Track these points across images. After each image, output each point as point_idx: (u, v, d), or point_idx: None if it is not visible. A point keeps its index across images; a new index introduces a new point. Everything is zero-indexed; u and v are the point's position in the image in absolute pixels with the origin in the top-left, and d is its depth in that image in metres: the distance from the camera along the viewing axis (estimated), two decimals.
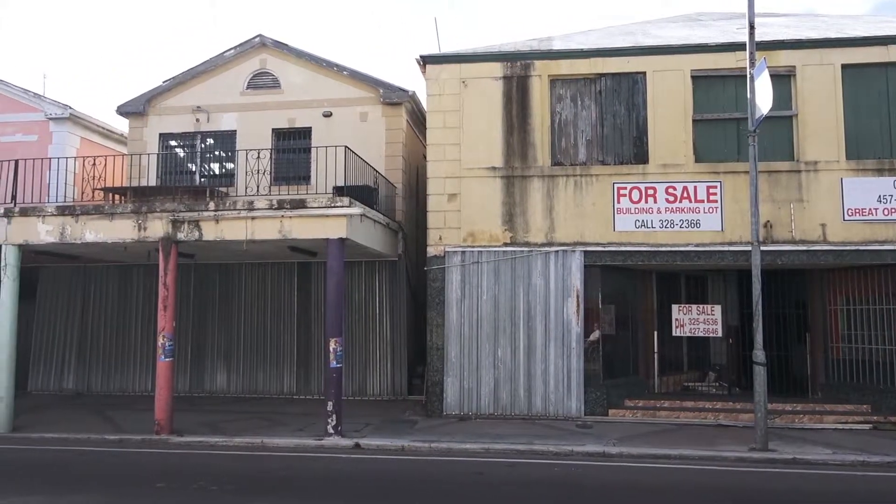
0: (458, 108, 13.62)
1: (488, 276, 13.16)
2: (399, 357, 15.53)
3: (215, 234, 11.75)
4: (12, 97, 17.45)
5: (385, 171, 15.52)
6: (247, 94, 16.64)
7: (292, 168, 16.15)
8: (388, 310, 15.64)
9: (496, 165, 13.36)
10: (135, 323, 16.60)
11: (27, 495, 7.90)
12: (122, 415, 13.44)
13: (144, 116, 16.97)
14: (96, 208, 12.26)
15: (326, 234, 11.51)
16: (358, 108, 16.12)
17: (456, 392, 13.01)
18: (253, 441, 10.92)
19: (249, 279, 16.29)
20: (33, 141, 17.15)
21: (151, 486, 8.51)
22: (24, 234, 12.26)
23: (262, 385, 15.94)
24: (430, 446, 10.48)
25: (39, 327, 16.87)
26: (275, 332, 16.05)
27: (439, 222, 13.46)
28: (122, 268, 16.64)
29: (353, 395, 15.07)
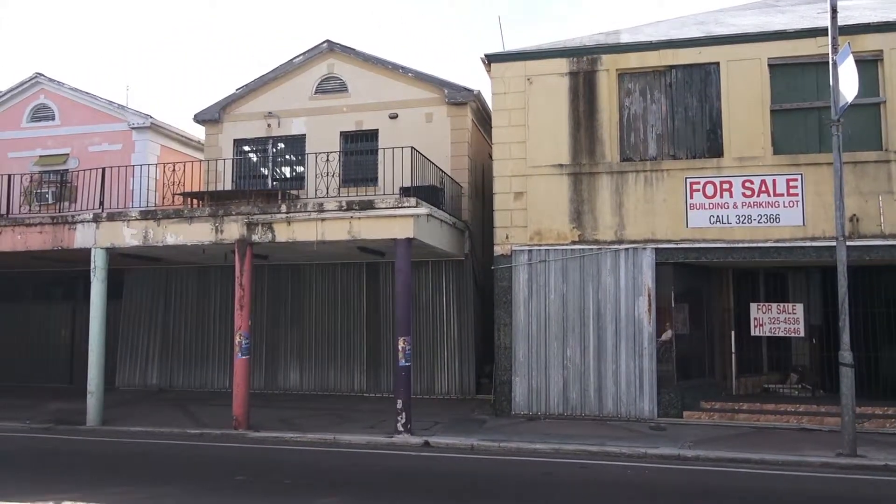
0: (523, 105, 13.52)
1: (556, 275, 13.01)
2: (467, 356, 15.55)
3: (287, 236, 12.07)
4: (99, 109, 18.45)
5: (451, 170, 15.58)
6: (315, 99, 17.03)
7: (360, 170, 16.42)
8: (455, 309, 15.69)
9: (563, 163, 13.19)
10: (213, 322, 17.26)
11: (118, 486, 8.33)
12: (202, 410, 14.00)
13: (219, 123, 17.61)
14: (176, 212, 12.81)
15: (394, 235, 11.64)
16: (423, 109, 16.23)
17: (524, 392, 12.92)
18: (325, 437, 11.16)
19: (320, 279, 16.66)
20: (118, 150, 18.08)
21: (231, 478, 8.82)
22: (110, 237, 12.93)
23: (333, 383, 16.28)
24: (499, 445, 10.45)
25: (125, 326, 17.75)
26: (345, 331, 16.36)
27: (506, 221, 13.40)
28: (200, 269, 17.33)
29: (421, 393, 15.18)
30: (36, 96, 18.89)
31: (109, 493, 7.82)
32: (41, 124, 18.74)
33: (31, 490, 7.98)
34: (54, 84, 18.78)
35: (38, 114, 18.84)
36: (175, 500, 7.50)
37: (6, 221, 13.68)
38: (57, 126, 18.63)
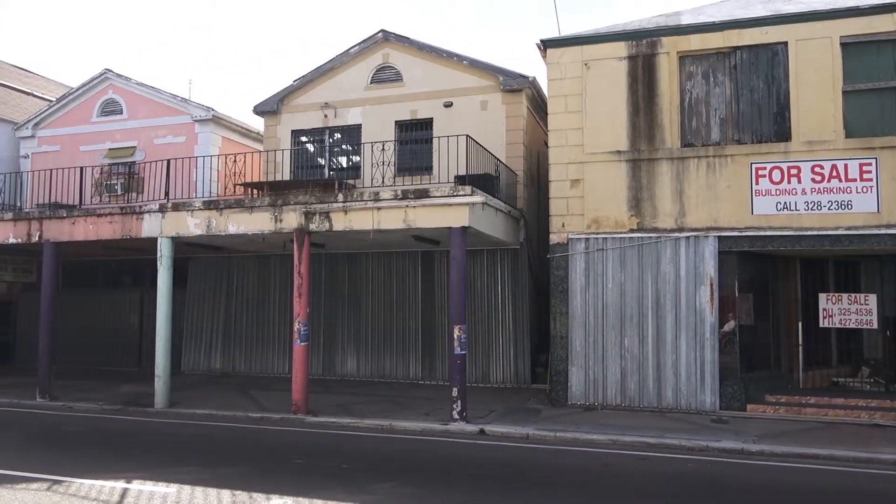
0: (580, 91, 13.28)
1: (614, 264, 12.78)
2: (522, 345, 15.47)
3: (344, 225, 12.22)
4: (163, 102, 19.06)
5: (506, 158, 15.46)
6: (370, 89, 17.14)
7: (415, 159, 16.48)
8: (510, 298, 15.61)
9: (621, 149, 12.91)
10: (272, 309, 17.68)
11: (184, 466, 8.64)
12: (262, 394, 14.39)
13: (278, 115, 17.94)
14: (237, 202, 13.13)
15: (449, 223, 11.63)
16: (478, 96, 16.14)
17: (581, 382, 12.77)
18: (381, 423, 11.30)
19: (376, 268, 16.83)
20: (182, 142, 18.66)
21: (291, 461, 9.04)
22: (175, 227, 13.37)
23: (389, 370, 16.46)
24: (555, 435, 10.36)
25: (190, 312, 18.37)
26: (400, 319, 16.50)
27: (562, 209, 13.22)
28: (260, 257, 17.76)
29: (476, 381, 15.20)
30: (105, 91, 19.66)
31: (176, 473, 8.11)
32: (110, 118, 19.50)
33: (104, 468, 8.37)
34: (122, 79, 19.49)
35: (108, 108, 19.59)
36: (238, 482, 7.72)
37: (80, 212, 14.31)
38: (125, 120, 19.35)
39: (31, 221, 14.50)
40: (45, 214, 14.47)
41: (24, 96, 22.99)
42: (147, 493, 7.33)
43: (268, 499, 7.11)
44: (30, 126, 20.22)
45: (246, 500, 7.08)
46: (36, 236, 14.39)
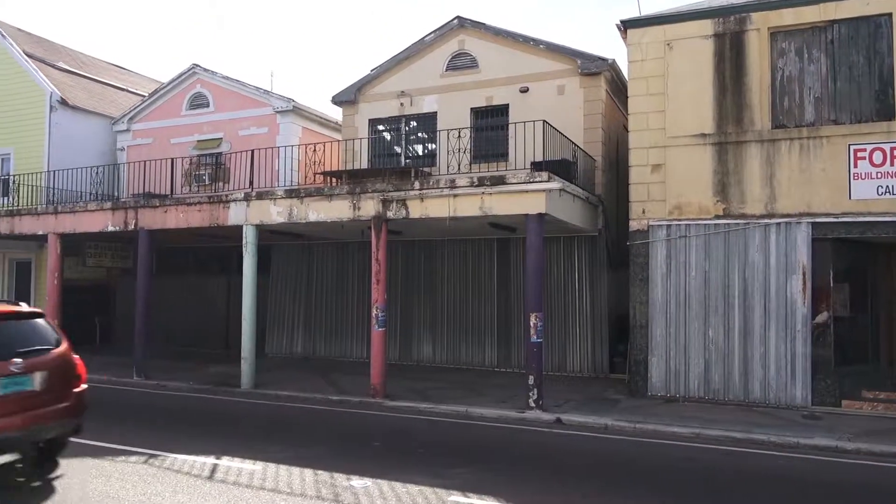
0: (662, 73, 12.81)
1: (697, 251, 12.31)
2: (599, 334, 15.18)
3: (420, 212, 12.30)
4: (247, 95, 19.71)
5: (583, 144, 15.13)
6: (446, 76, 17.13)
7: (490, 145, 16.38)
8: (587, 286, 15.34)
9: (706, 132, 12.38)
10: (350, 295, 18.06)
11: (269, 444, 8.97)
12: (341, 378, 14.75)
13: (355, 104, 18.22)
14: (317, 190, 13.43)
15: (525, 210, 11.50)
16: (555, 81, 15.85)
17: (661, 372, 12.42)
18: (458, 409, 11.35)
19: (451, 255, 16.89)
20: (264, 133, 19.26)
21: (370, 444, 9.23)
22: (259, 215, 13.83)
23: (465, 356, 16.53)
24: (634, 427, 10.12)
25: (273, 298, 19.01)
26: (476, 306, 16.51)
27: (642, 195, 12.84)
28: (339, 244, 18.16)
29: (552, 370, 15.05)
30: (193, 86, 20.50)
31: (261, 451, 8.43)
32: (198, 111, 20.34)
33: (195, 444, 8.79)
34: (208, 73, 20.27)
35: (196, 102, 20.44)
36: (320, 462, 7.95)
37: (171, 201, 15.03)
38: (211, 112, 20.14)
39: (127, 210, 15.35)
40: (140, 204, 15.27)
41: (120, 92, 24.31)
42: (235, 470, 7.66)
43: (348, 479, 7.28)
44: (125, 120, 21.37)
45: (327, 479, 7.28)
46: (132, 224, 15.22)
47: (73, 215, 16.07)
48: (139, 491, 6.81)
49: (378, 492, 6.88)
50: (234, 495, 6.73)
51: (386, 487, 7.02)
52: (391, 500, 6.65)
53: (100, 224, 15.72)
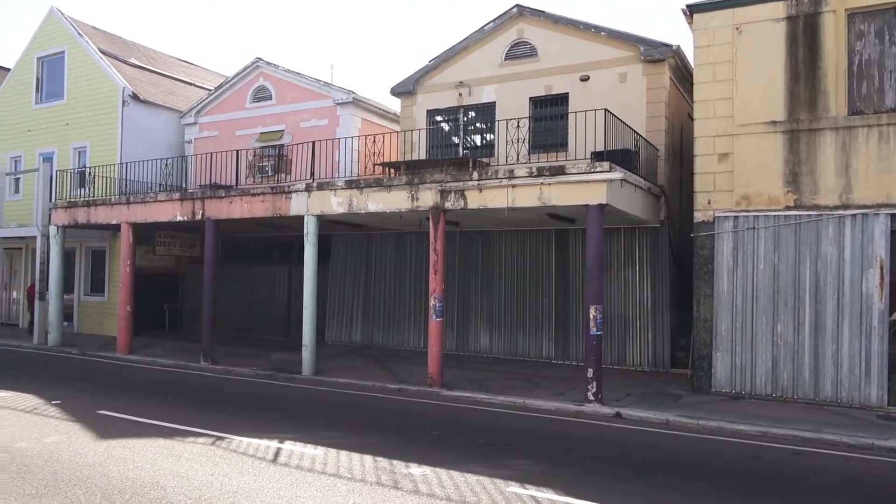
0: (729, 58, 12.36)
1: (766, 244, 11.87)
2: (661, 328, 14.84)
3: (479, 203, 12.26)
4: (308, 87, 20.03)
5: (646, 132, 14.78)
6: (505, 66, 16.99)
7: (549, 135, 16.18)
8: (649, 278, 15.00)
9: (776, 119, 11.89)
10: (408, 284, 18.21)
11: (330, 430, 9.16)
12: (399, 366, 14.91)
13: (413, 95, 18.29)
14: (376, 181, 13.56)
15: (586, 201, 11.32)
16: (617, 68, 15.51)
17: (726, 368, 12.05)
18: (515, 401, 11.32)
19: (509, 246, 16.81)
20: (325, 125, 19.55)
21: (427, 432, 9.30)
22: (320, 205, 14.07)
23: (522, 348, 16.45)
24: (697, 423, 9.87)
25: (332, 287, 19.35)
26: (533, 298, 16.39)
27: (708, 185, 12.45)
28: (397, 235, 18.32)
29: (612, 363, 14.83)
30: (256, 79, 20.98)
31: (322, 436, 8.61)
32: (261, 104, 20.81)
33: (258, 427, 9.06)
34: (271, 67, 20.70)
35: (259, 95, 20.92)
36: (379, 449, 8.05)
37: (236, 192, 15.46)
38: (273, 105, 20.57)
39: (194, 201, 15.87)
40: (207, 194, 15.76)
41: (188, 86, 25.11)
42: (298, 454, 7.85)
43: (407, 466, 7.35)
44: (192, 114, 22.07)
45: (387, 466, 7.38)
46: (199, 214, 15.73)
47: (145, 205, 16.74)
48: (207, 471, 7.06)
49: (437, 480, 6.93)
50: (296, 478, 6.90)
51: (444, 476, 7.07)
52: (449, 488, 6.68)
53: (169, 214, 16.32)
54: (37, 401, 10.74)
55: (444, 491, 6.59)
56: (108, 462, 7.33)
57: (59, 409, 10.09)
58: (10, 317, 23.77)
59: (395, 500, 6.28)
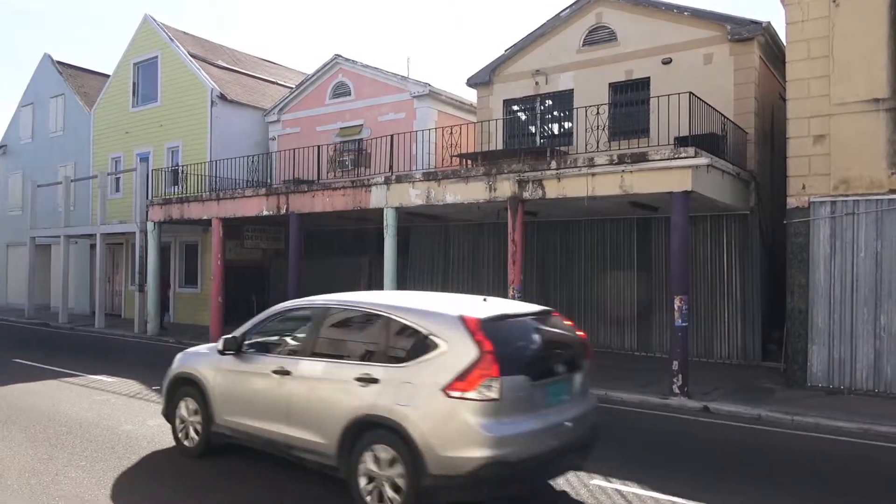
0: (825, 34, 11.64)
1: (867, 230, 11.14)
2: (751, 319, 14.21)
3: (557, 192, 12.09)
4: (385, 81, 20.31)
5: (733, 115, 14.14)
6: (582, 52, 16.65)
7: (630, 122, 15.76)
8: (738, 268, 14.39)
9: (880, 97, 11.11)
10: (486, 275, 18.20)
11: None
12: None
13: (490, 85, 18.21)
14: (454, 173, 13.61)
15: (670, 188, 10.95)
16: (701, 50, 14.90)
17: (823, 362, 11.42)
18: (597, 392, 10.92)
19: (588, 235, 16.50)
20: (402, 118, 19.78)
21: None
22: (399, 198, 14.26)
23: (602, 339, 16.15)
24: (792, 419, 9.40)
25: (412, 277, 19.57)
26: (614, 288, 16.05)
27: (802, 169, 11.79)
28: (475, 226, 18.34)
29: (698, 356, 14.33)
30: (335, 76, 21.45)
31: None
32: (340, 100, 21.27)
33: None
34: (349, 63, 21.10)
35: (338, 91, 21.39)
36: None
37: (318, 186, 15.88)
38: (352, 100, 20.99)
39: (279, 196, 16.42)
40: (290, 189, 16.27)
41: (271, 85, 25.98)
42: None
43: None
44: (275, 111, 22.82)
45: None
46: (284, 208, 16.28)
47: (233, 201, 17.46)
48: None
49: None
50: None
51: None
52: None
53: (256, 209, 16.96)
54: (139, 386, 11.43)
55: None
56: None
57: (159, 395, 10.70)
58: (114, 307, 25.40)
59: None
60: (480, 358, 5.10)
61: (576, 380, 5.93)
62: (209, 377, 6.95)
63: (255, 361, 6.58)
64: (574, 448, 5.75)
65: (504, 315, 5.71)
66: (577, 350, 6.16)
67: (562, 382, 5.77)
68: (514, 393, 5.16)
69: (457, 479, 5.04)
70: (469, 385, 5.05)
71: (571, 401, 5.80)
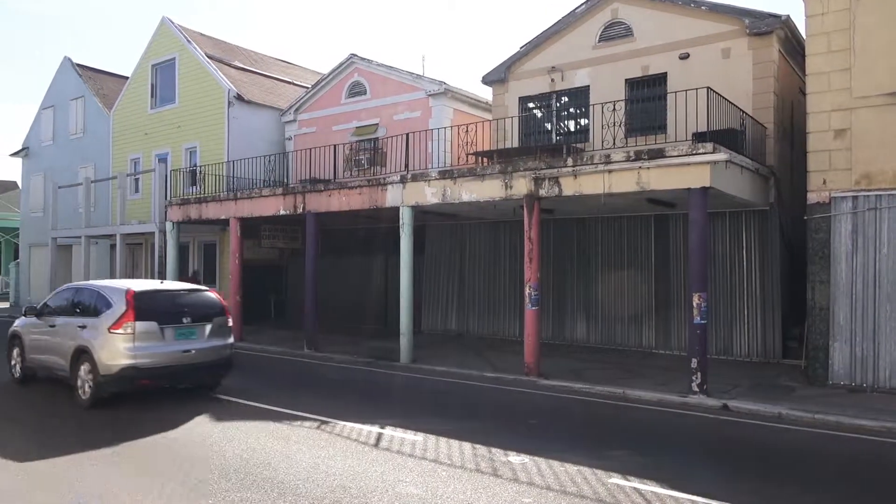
0: (846, 25, 11.46)
1: (890, 225, 10.96)
2: (770, 316, 14.05)
3: (574, 190, 12.03)
4: (401, 80, 20.33)
5: (752, 110, 13.97)
6: (598, 48, 16.55)
7: (647, 118, 15.63)
8: (757, 264, 14.22)
9: None
10: (502, 274, 18.18)
11: (429, 416, 9.30)
12: (494, 355, 14.93)
13: (505, 83, 18.16)
14: (469, 171, 13.58)
15: (688, 184, 10.85)
16: (719, 44, 14.74)
17: (845, 359, 11.26)
18: (614, 391, 11.07)
19: (606, 232, 16.41)
20: (417, 116, 19.80)
21: (525, 421, 9.27)
22: (415, 196, 14.26)
23: (620, 337, 16.06)
24: (813, 417, 9.28)
25: (427, 276, 19.62)
26: (632, 285, 15.94)
27: (822, 164, 11.63)
28: (491, 224, 18.30)
29: (717, 353, 14.21)
30: (351, 75, 21.52)
31: (421, 423, 8.75)
32: (356, 99, 21.34)
33: (359, 413, 9.33)
34: (364, 62, 21.15)
35: (354, 90, 21.45)
36: (477, 436, 8.10)
37: (334, 185, 15.93)
38: (368, 99, 21.04)
39: (296, 195, 16.50)
40: (307, 188, 16.34)
41: (287, 85, 26.11)
42: (398, 439, 8.03)
43: (506, 454, 7.36)
44: (291, 111, 22.93)
45: (485, 453, 7.41)
46: (300, 208, 16.35)
47: (251, 201, 17.58)
48: (314, 454, 7.36)
49: (535, 468, 6.89)
50: (398, 463, 7.06)
51: (543, 465, 7.02)
52: (549, 477, 6.63)
53: (273, 208, 17.06)
54: None
55: (543, 480, 6.55)
56: (224, 443, 7.78)
57: (179, 392, 10.81)
58: None
59: (494, 488, 6.31)
60: (126, 312, 9.38)
61: (206, 328, 10.08)
62: (24, 333, 11.31)
63: (43, 320, 10.77)
64: (201, 367, 10.00)
65: (155, 290, 9.99)
66: (209, 311, 10.27)
67: (188, 328, 9.88)
68: (144, 330, 9.39)
69: (111, 377, 9.27)
70: (118, 326, 9.34)
71: (198, 339, 9.95)
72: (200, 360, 9.88)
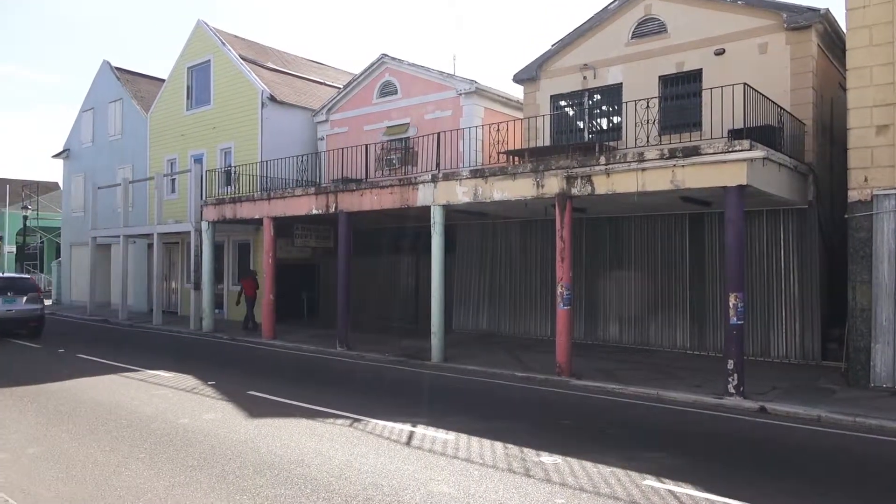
0: (889, 18, 11.15)
1: None
2: (809, 317, 13.74)
3: (606, 188, 11.91)
4: (431, 80, 20.36)
5: (790, 107, 13.68)
6: (631, 45, 16.36)
7: (681, 115, 15.41)
8: (795, 263, 13.92)
9: None
10: (534, 273, 18.10)
11: (460, 415, 9.31)
12: (526, 354, 14.87)
13: (536, 81, 18.07)
14: (501, 170, 13.54)
15: (723, 182, 10.67)
16: (756, 39, 14.46)
17: (888, 361, 10.96)
18: (648, 392, 10.94)
19: (639, 231, 16.23)
20: (448, 116, 19.80)
21: (558, 421, 9.22)
22: (446, 195, 14.27)
23: (654, 338, 15.86)
24: (854, 420, 9.05)
25: (459, 275, 19.62)
26: (666, 285, 15.74)
27: (864, 161, 11.33)
28: (522, 223, 18.23)
29: (753, 354, 13.94)
30: (382, 75, 21.61)
31: (453, 422, 8.77)
32: (387, 99, 21.43)
33: (392, 411, 9.38)
34: (395, 62, 21.24)
35: (385, 90, 21.55)
36: (509, 435, 8.08)
37: (366, 185, 16.03)
38: (399, 99, 21.12)
39: (328, 195, 16.65)
40: (339, 188, 16.48)
41: (319, 86, 26.36)
42: (430, 438, 8.05)
43: (538, 455, 7.33)
44: (324, 112, 23.14)
45: (517, 453, 7.39)
46: (332, 207, 16.50)
47: (284, 200, 17.79)
48: (346, 451, 7.42)
49: (568, 469, 6.85)
50: (430, 462, 7.08)
51: (576, 465, 6.97)
52: (582, 478, 6.58)
53: (305, 207, 17.24)
54: (194, 381, 11.78)
55: (576, 481, 6.50)
56: (258, 439, 7.90)
57: (214, 390, 11.01)
58: (170, 305, 26.21)
59: (527, 488, 6.29)
60: None
61: (21, 298, 17.68)
62: None
63: None
64: (15, 324, 17.81)
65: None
66: (25, 288, 18.13)
67: (10, 298, 17.47)
68: None
69: None
70: None
71: (15, 304, 17.59)
72: (19, 316, 17.79)
